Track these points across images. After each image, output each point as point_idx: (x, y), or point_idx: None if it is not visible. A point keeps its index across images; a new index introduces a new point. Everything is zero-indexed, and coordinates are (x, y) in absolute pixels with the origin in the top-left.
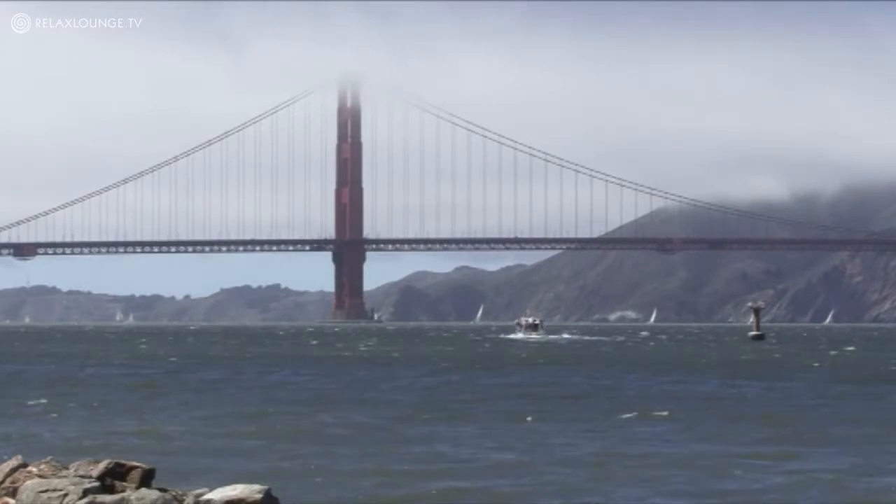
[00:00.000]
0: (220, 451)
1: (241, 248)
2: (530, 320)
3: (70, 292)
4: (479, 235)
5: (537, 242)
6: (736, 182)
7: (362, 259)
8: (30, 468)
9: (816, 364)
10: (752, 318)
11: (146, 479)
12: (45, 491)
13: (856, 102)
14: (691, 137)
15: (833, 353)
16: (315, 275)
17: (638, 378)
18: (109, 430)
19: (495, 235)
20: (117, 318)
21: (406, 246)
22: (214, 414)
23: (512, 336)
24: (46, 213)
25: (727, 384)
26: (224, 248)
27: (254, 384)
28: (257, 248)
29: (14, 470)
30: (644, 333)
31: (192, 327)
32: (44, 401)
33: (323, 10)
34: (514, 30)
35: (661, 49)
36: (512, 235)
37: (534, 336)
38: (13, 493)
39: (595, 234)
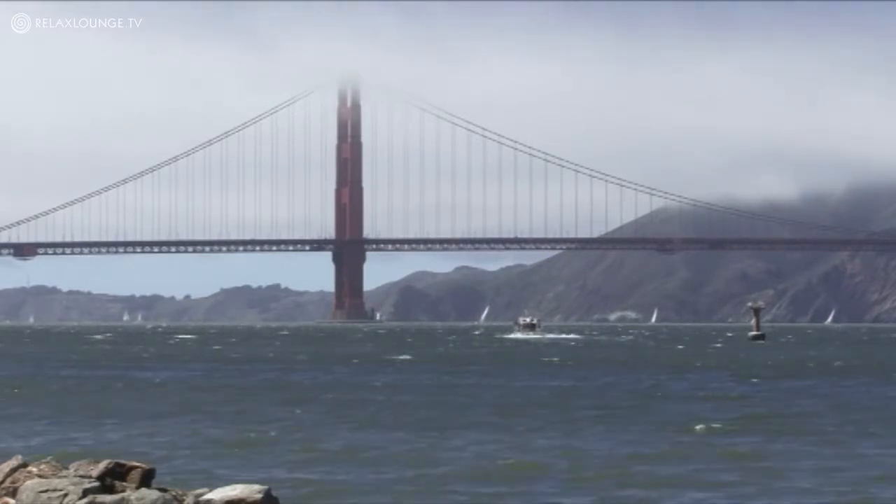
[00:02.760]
0: (221, 451)
1: (241, 248)
2: (528, 320)
3: (70, 292)
4: (479, 235)
5: (537, 242)
6: (745, 182)
7: (362, 259)
8: (30, 468)
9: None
10: (753, 319)
11: (146, 479)
12: (45, 491)
13: (869, 103)
14: (700, 137)
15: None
16: (315, 275)
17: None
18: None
19: (495, 235)
20: (124, 318)
21: (406, 246)
22: (216, 414)
23: (509, 335)
24: (46, 213)
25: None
26: (224, 248)
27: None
28: (257, 248)
29: (14, 470)
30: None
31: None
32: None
33: (345, 10)
34: (520, 30)
35: (670, 49)
36: (512, 235)
37: (531, 335)
38: (13, 493)
39: (595, 234)
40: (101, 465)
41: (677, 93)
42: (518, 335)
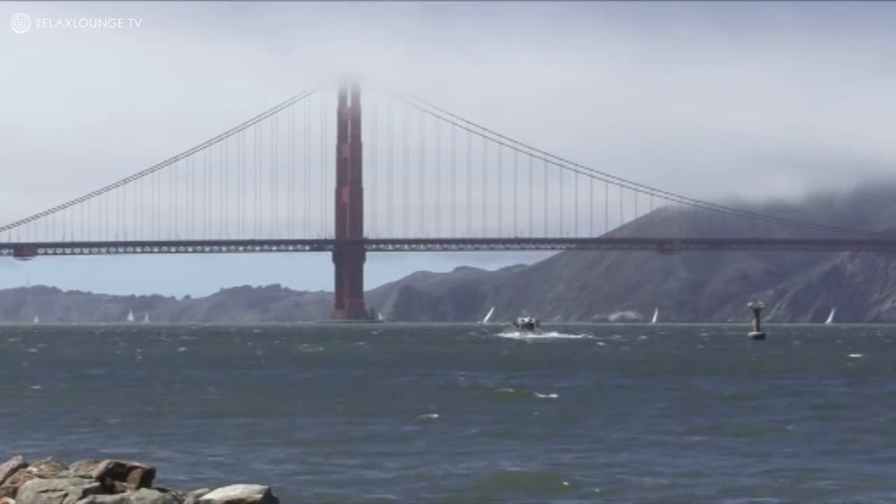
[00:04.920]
0: (221, 451)
1: (241, 248)
2: (526, 320)
3: (70, 292)
4: (479, 235)
5: (537, 242)
6: (753, 182)
7: (362, 259)
8: (30, 468)
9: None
10: (753, 319)
11: (146, 480)
12: (45, 491)
13: (882, 104)
14: (710, 137)
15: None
16: (315, 275)
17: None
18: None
19: (495, 235)
20: (129, 318)
21: (406, 246)
22: (218, 413)
23: (507, 335)
24: (46, 213)
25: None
26: (224, 248)
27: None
28: (257, 248)
29: (14, 470)
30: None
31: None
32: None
33: (347, 9)
34: (524, 30)
35: (679, 50)
36: (512, 235)
37: (529, 335)
38: (13, 493)
39: (595, 234)
40: (101, 465)
41: (687, 93)
42: (516, 334)
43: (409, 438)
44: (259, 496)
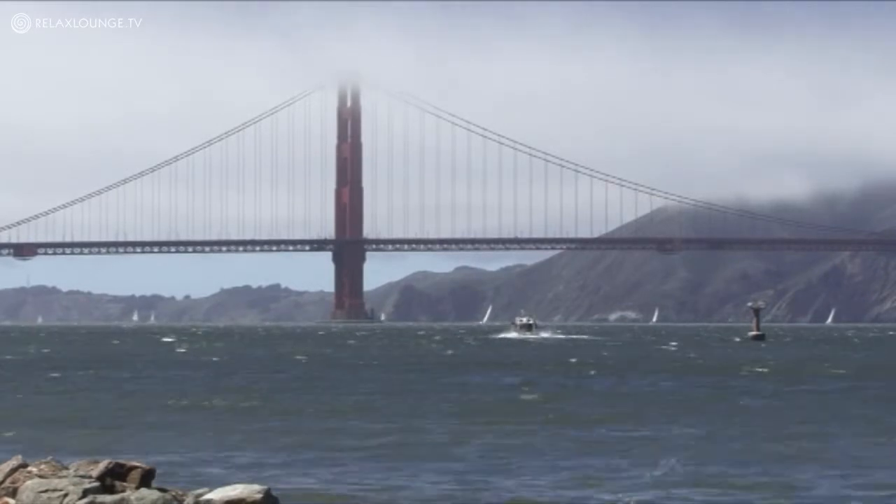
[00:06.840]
0: (221, 451)
1: (241, 248)
2: (525, 320)
3: (70, 292)
4: (479, 235)
5: (537, 242)
6: (759, 182)
7: (362, 259)
8: (30, 468)
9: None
10: (753, 319)
11: (146, 479)
12: (45, 491)
13: (886, 104)
14: (717, 137)
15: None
16: (315, 275)
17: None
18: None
19: (495, 235)
20: (134, 318)
21: (406, 246)
22: (218, 413)
23: (505, 335)
24: (46, 213)
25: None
26: (224, 248)
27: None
28: (257, 248)
29: (14, 470)
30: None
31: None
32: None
33: (347, 8)
34: (528, 29)
35: (687, 51)
36: (512, 235)
37: (528, 335)
38: (13, 493)
39: (595, 234)
40: (101, 465)
41: (689, 92)
42: (514, 334)
43: (414, 437)
44: (259, 496)
